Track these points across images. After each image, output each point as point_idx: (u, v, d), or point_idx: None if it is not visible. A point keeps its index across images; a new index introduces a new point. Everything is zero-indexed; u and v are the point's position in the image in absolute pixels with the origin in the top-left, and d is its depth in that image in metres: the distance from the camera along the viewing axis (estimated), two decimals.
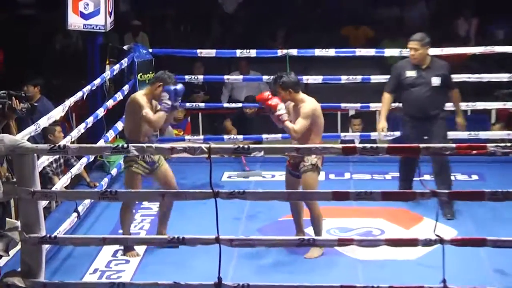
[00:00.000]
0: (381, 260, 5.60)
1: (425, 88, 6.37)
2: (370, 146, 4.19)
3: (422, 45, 6.30)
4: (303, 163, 5.72)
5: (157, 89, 5.71)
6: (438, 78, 6.36)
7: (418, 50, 6.30)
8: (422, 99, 6.38)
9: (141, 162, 5.73)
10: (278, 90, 5.74)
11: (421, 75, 6.37)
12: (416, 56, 6.31)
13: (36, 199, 4.38)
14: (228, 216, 5.85)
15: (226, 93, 9.99)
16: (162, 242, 4.44)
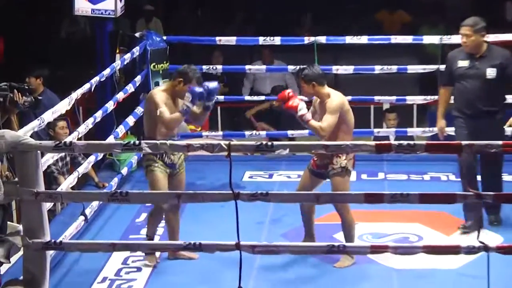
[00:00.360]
0: (419, 269, 5.58)
1: (477, 81, 6.08)
2: (407, 143, 4.17)
3: (475, 31, 6.04)
4: (332, 165, 5.70)
5: (178, 85, 5.67)
6: (493, 70, 6.05)
7: (470, 36, 6.04)
8: (473, 93, 6.09)
9: (160, 162, 5.70)
10: (301, 84, 5.75)
11: (474, 65, 6.10)
12: (468, 43, 6.06)
13: (39, 201, 4.40)
14: (250, 220, 5.86)
15: (247, 84, 10.00)
16: (177, 249, 4.44)
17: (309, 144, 4.74)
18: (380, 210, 6.17)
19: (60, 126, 7.13)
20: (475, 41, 6.04)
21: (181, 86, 5.64)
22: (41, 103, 5.11)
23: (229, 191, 4.27)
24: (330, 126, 5.62)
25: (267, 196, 4.31)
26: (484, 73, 6.05)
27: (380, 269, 5.64)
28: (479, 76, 6.06)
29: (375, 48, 8.86)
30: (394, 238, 6.14)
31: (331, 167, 5.70)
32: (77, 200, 5.61)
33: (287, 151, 4.24)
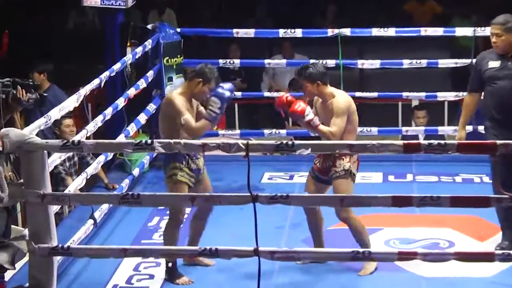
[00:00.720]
0: (450, 277, 5.57)
1: (510, 82, 5.88)
2: (437, 142, 4.16)
3: (505, 30, 5.84)
4: (334, 168, 5.70)
5: (197, 87, 5.58)
6: None
7: (500, 36, 5.85)
8: (505, 95, 5.86)
9: (186, 170, 5.58)
10: (304, 83, 5.69)
11: (506, 66, 5.89)
12: (499, 43, 5.88)
13: (46, 203, 4.43)
14: (269, 224, 5.87)
15: (266, 80, 10.01)
16: (192, 255, 4.47)
17: (332, 144, 4.75)
18: (408, 214, 6.18)
19: (66, 124, 7.11)
20: (506, 41, 5.85)
21: (200, 87, 5.57)
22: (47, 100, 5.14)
23: (247, 193, 4.28)
24: (341, 129, 5.61)
25: (288, 199, 4.32)
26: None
27: (408, 277, 5.63)
28: (509, 78, 5.87)
29: (403, 41, 8.85)
30: (423, 244, 6.13)
31: (334, 170, 5.70)
32: (85, 203, 5.64)
33: (309, 151, 4.25)
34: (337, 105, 5.65)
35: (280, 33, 8.06)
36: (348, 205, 5.14)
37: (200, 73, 5.59)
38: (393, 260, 4.54)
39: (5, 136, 4.33)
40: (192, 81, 5.60)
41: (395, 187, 7.17)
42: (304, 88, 5.72)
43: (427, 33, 7.89)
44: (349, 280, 5.67)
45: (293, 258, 4.41)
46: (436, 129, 8.15)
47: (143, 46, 7.60)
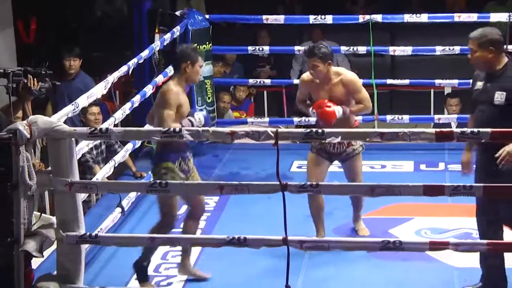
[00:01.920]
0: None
1: (486, 107, 5.22)
2: (470, 130, 4.14)
3: (479, 45, 5.20)
4: (352, 146, 5.90)
5: (186, 70, 5.39)
6: (502, 94, 5.15)
7: (475, 52, 5.22)
8: (482, 122, 5.08)
9: (177, 171, 5.36)
10: (315, 63, 5.77)
11: (486, 88, 5.24)
12: (473, 60, 5.27)
13: (74, 192, 4.47)
14: (298, 213, 5.88)
15: (296, 67, 9.99)
16: (219, 244, 4.48)
17: (363, 132, 4.73)
18: (440, 204, 6.15)
19: (91, 112, 7.15)
20: (481, 58, 5.19)
21: (191, 68, 5.40)
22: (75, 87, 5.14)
23: (276, 182, 4.29)
24: (369, 98, 5.87)
25: (317, 188, 4.32)
26: (493, 97, 5.18)
27: (440, 268, 5.62)
28: (488, 101, 5.21)
29: (436, 27, 8.79)
30: (455, 234, 6.11)
31: (351, 148, 5.89)
32: (113, 191, 5.68)
33: (339, 139, 4.24)
34: (352, 79, 5.86)
35: (310, 20, 8.05)
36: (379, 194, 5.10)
37: (184, 56, 5.40)
38: (424, 250, 4.53)
39: (33, 124, 4.36)
40: (179, 68, 5.42)
41: (426, 176, 7.15)
42: (314, 67, 5.79)
43: (461, 19, 7.85)
44: (379, 269, 5.67)
45: (323, 247, 4.41)
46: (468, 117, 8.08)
47: (171, 32, 7.62)
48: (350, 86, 5.83)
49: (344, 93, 5.83)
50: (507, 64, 5.23)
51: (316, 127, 5.06)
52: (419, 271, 5.62)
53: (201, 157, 8.10)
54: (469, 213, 6.32)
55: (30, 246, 4.38)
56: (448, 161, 7.66)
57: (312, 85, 5.90)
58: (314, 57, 5.77)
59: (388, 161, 7.70)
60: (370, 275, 5.61)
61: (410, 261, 5.69)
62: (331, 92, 5.84)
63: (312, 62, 5.79)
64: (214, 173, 7.63)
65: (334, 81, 5.83)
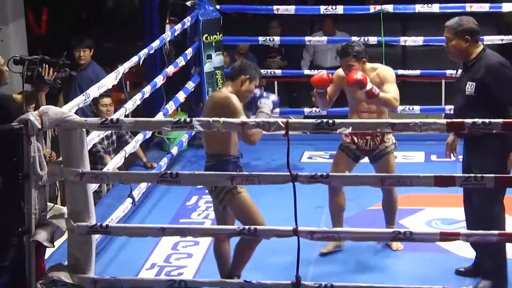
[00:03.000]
0: None
1: (460, 97, 5.27)
2: (482, 121, 4.13)
3: (456, 34, 5.20)
4: (384, 144, 5.75)
5: (243, 85, 5.17)
6: (472, 84, 5.14)
7: (450, 40, 5.22)
8: (456, 112, 5.33)
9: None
10: (350, 63, 5.61)
11: (460, 78, 5.29)
12: (449, 48, 5.25)
13: (85, 182, 4.47)
14: (309, 204, 5.88)
15: (307, 57, 9.97)
16: (230, 234, 4.49)
17: (375, 122, 4.72)
18: (451, 194, 6.13)
19: (103, 103, 7.09)
20: (456, 47, 5.19)
21: (247, 84, 5.17)
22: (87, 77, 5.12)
23: (287, 173, 4.29)
24: (398, 94, 5.67)
25: (328, 179, 4.31)
26: (464, 88, 5.21)
27: (451, 259, 5.61)
28: (461, 91, 5.24)
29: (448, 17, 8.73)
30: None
31: (384, 146, 5.75)
32: (124, 181, 5.69)
33: (350, 130, 4.23)
34: (386, 73, 5.72)
35: (321, 10, 8.04)
36: (389, 185, 5.12)
37: (245, 70, 5.20)
38: (434, 240, 4.52)
39: (44, 114, 4.36)
40: (237, 79, 5.18)
41: (437, 167, 7.13)
42: (349, 67, 5.62)
43: (473, 9, 7.81)
44: (389, 259, 5.67)
45: (333, 238, 4.42)
46: None
47: (182, 23, 7.61)
48: (383, 77, 5.67)
49: (380, 87, 5.65)
50: (481, 54, 5.20)
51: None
52: (430, 262, 5.61)
53: None
54: None
55: (41, 236, 4.40)
56: (459, 152, 7.61)
57: (344, 82, 5.70)
58: (348, 57, 5.60)
59: (399, 151, 7.65)
60: (381, 266, 5.61)
61: (421, 252, 5.69)
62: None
63: (346, 62, 5.61)
64: None
65: (370, 76, 5.62)
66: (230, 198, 5.08)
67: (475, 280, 5.26)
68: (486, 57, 5.21)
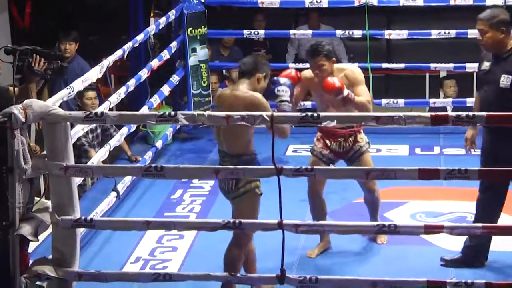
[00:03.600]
0: None
1: (491, 89, 5.27)
2: (466, 114, 4.13)
3: (491, 26, 5.20)
4: (358, 143, 5.73)
5: (260, 82, 5.08)
6: (508, 77, 5.18)
7: (486, 32, 5.22)
8: (486, 104, 5.27)
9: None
10: (321, 63, 5.54)
11: (491, 70, 5.27)
12: (484, 41, 5.25)
13: (69, 175, 4.45)
14: (294, 197, 5.88)
15: (292, 51, 9.97)
16: (215, 227, 4.48)
17: (359, 115, 4.72)
18: (435, 187, 6.17)
19: (88, 96, 7.11)
20: (492, 39, 5.20)
21: (263, 81, 5.09)
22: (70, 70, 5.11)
23: (272, 166, 4.29)
24: (370, 96, 5.64)
25: (313, 172, 4.31)
26: (498, 80, 5.22)
27: (435, 251, 5.63)
28: (493, 83, 5.24)
29: (432, 11, 8.78)
30: (450, 218, 6.13)
31: (358, 146, 5.72)
32: (108, 175, 5.68)
33: (334, 123, 4.23)
34: (355, 75, 5.64)
35: (306, 3, 8.04)
36: (374, 178, 5.13)
37: (260, 67, 5.09)
38: (419, 233, 4.52)
39: (28, 108, 4.34)
40: (253, 76, 5.06)
41: (421, 160, 7.16)
42: (320, 67, 5.55)
43: (457, 2, 7.84)
44: (374, 253, 5.68)
45: (318, 231, 4.42)
46: (464, 101, 8.09)
47: (167, 16, 7.60)
48: (351, 79, 5.61)
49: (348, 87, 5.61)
50: None
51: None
52: (414, 255, 5.63)
53: (196, 141, 8.11)
54: (464, 197, 6.37)
55: (25, 230, 4.38)
56: (443, 145, 7.67)
57: (313, 82, 5.67)
58: (319, 56, 5.53)
59: (383, 145, 7.71)
60: (366, 259, 5.63)
61: (405, 245, 5.71)
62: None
63: (317, 62, 5.54)
64: (210, 157, 7.62)
65: (338, 77, 5.55)
66: (250, 196, 4.99)
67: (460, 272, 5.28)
68: None
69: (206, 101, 8.06)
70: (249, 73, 5.07)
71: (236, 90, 5.06)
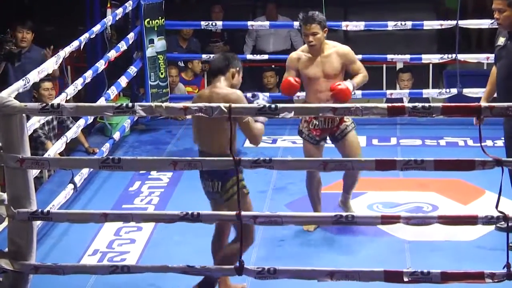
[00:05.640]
0: (433, 241, 5.62)
1: (506, 64, 5.47)
2: (422, 105, 4.17)
3: (509, 4, 5.38)
4: (345, 122, 5.76)
5: (234, 77, 4.96)
6: None
7: (504, 11, 5.41)
8: (501, 79, 5.50)
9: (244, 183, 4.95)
10: (314, 31, 5.58)
11: (507, 45, 5.47)
12: (502, 19, 5.43)
13: (25, 168, 4.42)
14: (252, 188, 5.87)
15: (249, 42, 9.97)
16: (173, 219, 4.47)
17: (316, 107, 4.74)
18: (392, 178, 6.21)
19: (45, 87, 7.06)
20: (509, 17, 5.39)
21: (237, 76, 4.98)
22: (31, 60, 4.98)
23: (230, 158, 4.29)
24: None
25: (271, 163, 4.32)
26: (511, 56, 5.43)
27: (392, 241, 5.68)
28: (508, 59, 5.45)
29: (389, 2, 8.83)
30: (406, 208, 6.17)
31: (345, 125, 5.76)
32: (65, 167, 5.63)
33: (292, 114, 4.24)
34: (348, 52, 5.70)
35: None
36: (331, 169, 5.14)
37: (232, 62, 4.97)
38: (376, 224, 4.57)
39: None
40: (228, 73, 4.95)
41: (379, 151, 7.19)
42: (314, 34, 5.58)
43: None
44: (332, 243, 5.71)
45: (276, 222, 4.42)
46: (421, 92, 8.16)
47: (124, 7, 7.55)
48: (346, 57, 5.65)
49: (339, 66, 5.66)
50: None
51: None
52: (371, 245, 5.66)
53: (154, 132, 8.08)
54: (421, 187, 6.43)
55: None
56: (399, 136, 7.71)
57: (302, 62, 5.67)
58: (314, 23, 5.54)
59: None
60: (323, 250, 5.65)
61: (363, 235, 5.75)
62: (325, 65, 5.65)
63: (311, 29, 5.54)
64: (168, 148, 7.60)
65: (327, 52, 5.62)
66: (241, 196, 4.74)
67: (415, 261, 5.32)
68: None
69: (164, 92, 8.03)
70: (223, 70, 4.95)
71: (215, 88, 4.91)
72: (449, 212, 5.98)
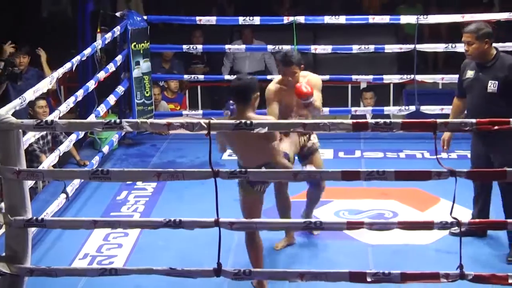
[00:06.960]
0: (393, 244, 5.63)
1: (479, 94, 5.39)
2: (383, 121, 4.19)
3: (477, 38, 5.33)
4: (312, 141, 5.74)
5: (255, 102, 5.03)
6: (495, 83, 5.32)
7: (472, 44, 5.36)
8: (476, 108, 5.41)
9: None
10: (294, 70, 5.53)
11: (478, 77, 5.41)
12: (470, 51, 5.38)
13: (21, 179, 4.40)
14: (229, 197, 5.86)
15: (227, 64, 9.99)
16: (157, 226, 4.46)
17: (288, 123, 4.75)
18: (356, 187, 6.22)
19: (39, 105, 7.07)
20: (478, 49, 5.35)
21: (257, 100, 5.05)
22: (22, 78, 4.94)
23: (209, 169, 4.29)
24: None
25: (246, 174, 4.33)
26: (486, 86, 5.36)
27: (356, 245, 5.69)
28: (481, 89, 5.38)
29: (354, 27, 8.86)
30: (370, 215, 6.19)
31: (312, 143, 5.73)
32: (58, 178, 5.61)
33: (266, 129, 4.25)
34: (316, 82, 5.66)
35: (239, 21, 8.04)
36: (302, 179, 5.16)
37: (254, 87, 4.98)
38: (342, 229, 4.58)
39: None
40: (250, 98, 4.97)
41: (344, 163, 7.21)
42: (293, 74, 5.53)
43: (375, 20, 7.91)
44: (303, 247, 5.71)
45: (251, 228, 4.43)
46: (382, 109, 8.21)
47: (112, 32, 7.55)
48: (316, 86, 5.60)
49: None
50: (497, 55, 5.40)
51: None
52: (338, 248, 5.67)
53: (140, 146, 8.06)
54: (382, 196, 6.45)
55: None
56: (363, 149, 7.74)
57: (282, 92, 5.60)
58: (293, 65, 5.50)
59: None
60: (293, 253, 5.65)
61: (330, 239, 5.75)
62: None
63: (292, 69, 5.49)
64: (152, 161, 7.59)
65: (299, 82, 5.51)
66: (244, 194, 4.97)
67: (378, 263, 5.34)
68: (504, 57, 5.42)
69: (149, 109, 8.02)
70: (249, 98, 4.94)
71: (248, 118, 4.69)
72: (408, 218, 6.00)
